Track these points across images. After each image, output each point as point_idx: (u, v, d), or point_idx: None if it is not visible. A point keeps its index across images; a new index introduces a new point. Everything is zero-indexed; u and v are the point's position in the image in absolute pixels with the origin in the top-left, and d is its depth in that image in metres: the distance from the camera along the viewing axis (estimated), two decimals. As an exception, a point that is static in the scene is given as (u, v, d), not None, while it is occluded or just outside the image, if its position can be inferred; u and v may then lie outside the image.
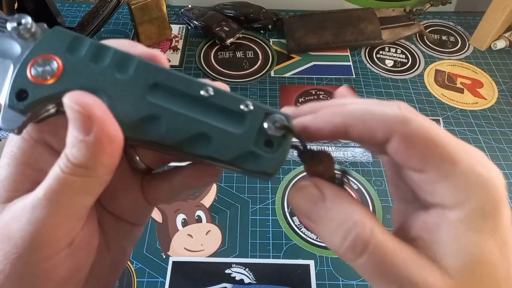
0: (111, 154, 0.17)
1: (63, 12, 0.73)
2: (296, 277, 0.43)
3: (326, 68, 0.67)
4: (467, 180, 0.17)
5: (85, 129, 0.16)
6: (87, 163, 0.16)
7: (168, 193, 0.23)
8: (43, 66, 0.18)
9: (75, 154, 0.16)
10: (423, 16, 0.76)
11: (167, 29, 0.69)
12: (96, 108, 0.16)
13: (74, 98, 0.16)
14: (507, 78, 0.66)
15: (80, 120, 0.16)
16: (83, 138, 0.16)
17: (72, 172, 0.16)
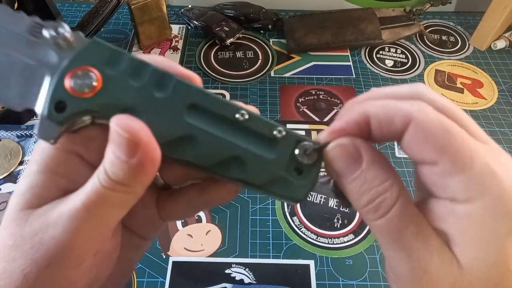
0: (150, 174, 0.17)
1: (63, 12, 0.73)
2: (296, 277, 0.43)
3: (326, 68, 0.67)
4: (482, 177, 0.16)
5: (130, 152, 0.16)
6: (128, 182, 0.17)
7: (184, 209, 0.23)
8: (82, 79, 0.17)
9: (116, 173, 0.17)
10: (423, 16, 0.76)
11: (167, 29, 0.69)
12: (143, 135, 0.17)
13: (121, 123, 0.16)
14: (507, 78, 0.66)
15: (126, 144, 0.16)
16: (127, 160, 0.17)
17: (112, 188, 0.17)
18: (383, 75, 0.66)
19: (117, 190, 0.17)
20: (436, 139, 0.17)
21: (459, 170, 0.16)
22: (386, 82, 0.65)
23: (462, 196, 0.17)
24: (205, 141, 0.18)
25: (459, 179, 0.17)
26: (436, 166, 0.17)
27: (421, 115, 0.17)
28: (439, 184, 0.18)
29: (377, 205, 0.18)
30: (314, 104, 0.61)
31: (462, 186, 0.17)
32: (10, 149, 0.51)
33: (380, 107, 0.18)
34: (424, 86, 0.19)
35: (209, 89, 0.62)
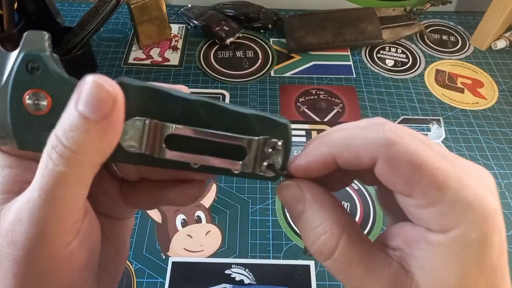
0: (111, 142, 0.17)
1: (62, 12, 0.73)
2: (296, 277, 0.43)
3: (326, 67, 0.66)
4: (453, 208, 0.16)
5: (101, 111, 0.16)
6: (86, 149, 0.16)
7: (146, 202, 0.23)
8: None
9: (75, 137, 0.16)
10: (424, 16, 0.76)
11: (167, 29, 0.68)
12: (120, 93, 0.16)
13: (102, 78, 0.16)
14: (508, 78, 0.66)
15: (101, 100, 0.16)
16: (96, 119, 0.16)
17: (65, 163, 0.16)
18: (383, 75, 0.66)
19: (70, 165, 0.16)
20: (404, 175, 0.17)
21: (430, 204, 0.16)
22: (386, 82, 0.64)
23: (436, 227, 0.17)
24: None
25: (431, 211, 0.17)
26: (410, 198, 0.17)
27: (386, 151, 0.17)
28: (413, 213, 0.18)
29: (320, 248, 0.18)
30: (314, 104, 0.61)
31: (434, 217, 0.17)
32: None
33: (344, 146, 0.18)
34: (383, 119, 0.19)
35: (209, 89, 0.62)
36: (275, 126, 0.19)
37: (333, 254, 0.18)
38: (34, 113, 0.17)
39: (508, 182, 0.52)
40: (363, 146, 0.17)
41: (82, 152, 0.16)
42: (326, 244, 0.18)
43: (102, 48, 0.68)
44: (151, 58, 0.67)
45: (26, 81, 0.17)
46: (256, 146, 0.19)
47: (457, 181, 0.16)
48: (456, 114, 0.60)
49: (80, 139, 0.16)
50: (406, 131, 0.18)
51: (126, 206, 0.24)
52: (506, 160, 0.54)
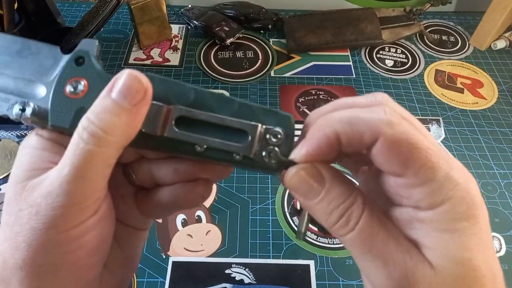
0: (137, 127, 0.19)
1: (63, 12, 0.73)
2: (296, 277, 0.43)
3: (326, 68, 0.66)
4: (443, 186, 0.18)
5: (133, 99, 0.18)
6: (115, 131, 0.18)
7: (157, 208, 0.24)
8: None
9: (107, 120, 0.18)
10: (423, 16, 0.76)
11: (167, 29, 0.69)
12: (150, 85, 0.19)
13: (135, 71, 0.18)
14: (507, 78, 0.66)
15: (134, 90, 0.18)
16: (127, 106, 0.18)
17: (96, 142, 0.18)
18: (383, 75, 0.66)
19: (100, 144, 0.18)
20: (401, 155, 0.18)
21: (422, 183, 0.18)
22: (386, 82, 0.65)
23: (425, 204, 0.18)
24: None
25: (422, 190, 0.18)
26: (401, 178, 0.18)
27: (389, 130, 0.18)
28: (403, 193, 0.19)
29: (347, 219, 0.19)
30: (314, 104, 0.61)
31: (424, 195, 0.18)
32: (10, 149, 0.51)
33: (347, 124, 0.19)
34: (384, 94, 0.20)
35: (209, 89, 0.63)
36: (279, 117, 0.21)
37: (357, 224, 0.18)
38: (70, 96, 0.20)
39: (508, 182, 0.52)
40: (366, 125, 0.18)
41: (111, 133, 0.18)
42: (353, 214, 0.19)
43: (103, 49, 0.68)
44: (151, 59, 0.67)
45: (72, 70, 0.20)
46: (259, 133, 0.20)
47: (446, 163, 0.18)
48: (455, 114, 0.60)
49: (111, 121, 0.18)
50: (404, 115, 0.19)
51: (139, 214, 0.24)
52: (506, 160, 0.55)
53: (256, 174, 0.52)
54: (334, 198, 0.19)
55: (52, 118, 0.20)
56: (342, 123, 0.19)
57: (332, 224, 0.19)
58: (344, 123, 0.19)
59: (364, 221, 0.18)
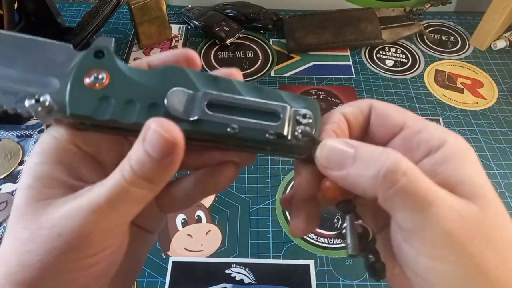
0: (172, 173, 0.19)
1: (63, 12, 0.73)
2: (296, 277, 0.43)
3: (326, 68, 0.67)
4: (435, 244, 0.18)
5: (165, 152, 0.18)
6: (154, 179, 0.18)
7: (181, 198, 0.23)
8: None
9: (144, 170, 0.18)
10: (423, 16, 0.76)
11: (167, 29, 0.69)
12: (180, 138, 0.18)
13: (162, 124, 0.18)
14: (507, 78, 0.66)
15: (163, 144, 0.18)
16: (160, 159, 0.18)
17: (136, 184, 0.18)
18: (383, 75, 0.66)
19: (140, 187, 0.18)
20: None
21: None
22: (386, 82, 0.65)
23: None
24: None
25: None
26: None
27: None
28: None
29: (389, 173, 0.18)
30: (314, 104, 0.61)
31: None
32: (10, 149, 0.51)
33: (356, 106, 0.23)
34: None
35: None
36: (305, 100, 0.22)
37: (405, 174, 0.18)
38: (90, 86, 0.20)
39: (508, 182, 0.52)
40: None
41: (151, 181, 0.18)
42: (396, 167, 0.18)
43: (103, 48, 0.68)
44: (151, 58, 0.67)
45: (91, 62, 0.20)
46: (289, 113, 0.21)
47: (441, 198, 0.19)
48: (455, 114, 0.60)
49: (147, 171, 0.18)
50: None
51: (157, 212, 0.24)
52: (506, 160, 0.55)
53: (256, 174, 0.52)
54: (369, 155, 0.19)
55: (72, 106, 0.20)
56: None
57: (373, 181, 0.19)
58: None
59: (411, 172, 0.18)
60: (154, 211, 0.24)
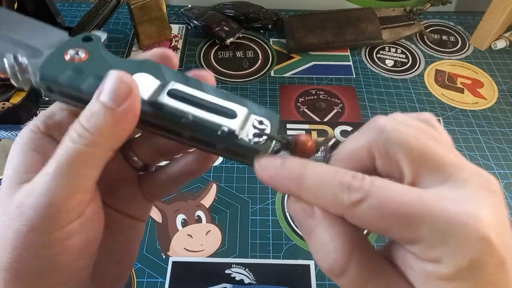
0: (126, 128, 0.19)
1: (63, 12, 0.73)
2: (296, 277, 0.43)
3: (326, 68, 0.66)
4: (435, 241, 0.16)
5: (119, 99, 0.18)
6: (103, 132, 0.18)
7: (164, 183, 0.24)
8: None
9: (94, 122, 0.18)
10: (423, 16, 0.76)
11: (167, 29, 0.68)
12: (135, 86, 0.19)
13: (119, 73, 0.19)
14: (507, 78, 0.66)
15: (119, 90, 0.18)
16: (114, 107, 0.18)
17: (85, 142, 0.18)
18: (383, 75, 0.66)
19: (88, 144, 0.18)
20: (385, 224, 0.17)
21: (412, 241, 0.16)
22: (386, 82, 0.65)
23: (424, 258, 0.16)
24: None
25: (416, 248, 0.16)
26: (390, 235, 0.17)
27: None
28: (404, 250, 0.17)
29: (331, 266, 0.18)
30: (314, 104, 0.61)
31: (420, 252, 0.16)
32: (10, 149, 0.51)
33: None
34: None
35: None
36: (267, 112, 0.21)
37: (344, 273, 0.17)
38: (68, 60, 0.21)
39: (508, 182, 0.52)
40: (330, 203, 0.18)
41: (100, 135, 0.18)
42: (337, 263, 0.17)
43: (102, 48, 0.68)
44: (151, 58, 0.67)
45: (77, 43, 0.22)
46: (245, 116, 0.20)
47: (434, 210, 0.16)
48: (455, 114, 0.60)
49: (99, 124, 0.18)
50: None
51: (143, 199, 0.25)
52: (506, 160, 0.54)
53: (255, 174, 0.52)
54: (319, 238, 0.18)
55: (43, 68, 0.21)
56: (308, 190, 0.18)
57: (320, 263, 0.18)
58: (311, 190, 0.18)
59: (352, 271, 0.17)
60: (137, 197, 0.25)
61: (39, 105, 0.58)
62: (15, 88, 0.55)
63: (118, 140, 0.19)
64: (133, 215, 0.25)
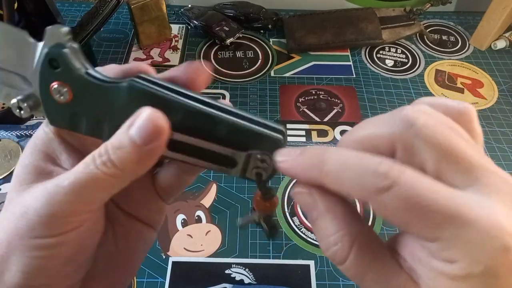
0: (147, 165, 0.19)
1: (63, 12, 0.73)
2: (296, 277, 0.43)
3: (326, 68, 0.66)
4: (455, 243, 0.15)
5: (148, 139, 0.18)
6: (126, 166, 0.18)
7: (179, 177, 0.24)
8: None
9: (120, 155, 0.18)
10: (423, 16, 0.76)
11: (167, 29, 0.68)
12: (167, 128, 0.18)
13: (152, 111, 0.18)
14: (507, 78, 0.66)
15: (150, 131, 0.18)
16: (141, 146, 0.18)
17: (107, 171, 0.18)
18: (383, 75, 0.66)
19: (110, 174, 0.18)
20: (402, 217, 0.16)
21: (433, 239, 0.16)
22: (386, 82, 0.65)
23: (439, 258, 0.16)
24: None
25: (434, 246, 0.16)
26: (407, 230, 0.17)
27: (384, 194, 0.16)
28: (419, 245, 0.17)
29: (332, 255, 0.18)
30: (314, 104, 0.61)
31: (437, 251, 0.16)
32: (10, 149, 0.51)
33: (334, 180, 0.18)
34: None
35: (209, 89, 0.62)
36: (268, 140, 0.20)
37: (344, 263, 0.18)
38: (59, 101, 0.20)
39: (507, 182, 0.52)
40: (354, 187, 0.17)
41: (121, 168, 0.18)
42: (337, 254, 0.18)
43: (103, 49, 0.68)
44: (151, 58, 0.67)
45: (50, 74, 0.20)
46: (245, 159, 0.20)
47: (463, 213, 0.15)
48: (456, 114, 0.60)
49: (123, 158, 0.18)
50: None
51: (157, 200, 0.24)
52: (506, 160, 0.54)
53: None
54: (322, 229, 0.18)
55: (51, 120, 0.21)
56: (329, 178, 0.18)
57: (323, 251, 0.19)
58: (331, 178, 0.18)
59: (351, 262, 0.18)
60: (152, 198, 0.24)
61: (39, 105, 0.58)
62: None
63: (137, 175, 0.19)
64: (146, 219, 0.25)
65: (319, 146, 0.19)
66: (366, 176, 0.16)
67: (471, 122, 0.19)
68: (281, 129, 0.20)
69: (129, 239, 0.24)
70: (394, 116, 0.17)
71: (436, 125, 0.17)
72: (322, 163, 0.18)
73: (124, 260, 0.24)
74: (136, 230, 0.24)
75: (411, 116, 0.17)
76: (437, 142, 0.16)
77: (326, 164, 0.18)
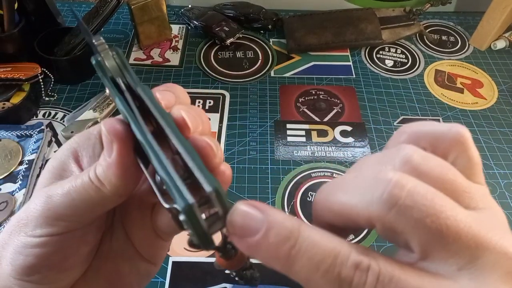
0: (119, 176, 0.19)
1: (63, 12, 0.73)
2: (296, 277, 0.43)
3: (326, 68, 0.67)
4: None
5: (108, 151, 0.19)
6: (103, 179, 0.19)
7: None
8: None
9: (97, 169, 0.20)
10: (423, 16, 0.76)
11: (167, 29, 0.69)
12: (117, 137, 0.19)
13: (106, 125, 0.19)
14: (507, 78, 0.66)
15: (106, 144, 0.19)
16: (106, 158, 0.19)
17: (93, 181, 0.20)
18: (383, 75, 0.66)
19: (95, 184, 0.20)
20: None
21: None
22: (386, 82, 0.65)
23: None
24: None
25: None
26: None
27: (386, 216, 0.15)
28: None
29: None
30: (314, 104, 0.61)
31: None
32: (10, 149, 0.51)
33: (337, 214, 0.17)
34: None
35: (209, 89, 0.63)
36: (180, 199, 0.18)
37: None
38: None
39: (508, 182, 0.52)
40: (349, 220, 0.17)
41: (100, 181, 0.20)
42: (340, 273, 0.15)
43: (103, 49, 0.68)
44: (151, 59, 0.67)
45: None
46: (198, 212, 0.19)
47: None
48: (455, 114, 0.60)
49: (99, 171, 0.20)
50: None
51: (155, 238, 0.24)
52: (506, 160, 0.55)
53: (256, 174, 0.52)
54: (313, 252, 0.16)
55: None
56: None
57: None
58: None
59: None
60: (150, 236, 0.24)
61: (39, 105, 0.58)
62: (15, 88, 0.55)
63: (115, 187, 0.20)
64: (146, 255, 0.24)
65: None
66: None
67: (467, 151, 0.17)
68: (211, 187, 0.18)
69: (128, 274, 0.24)
70: (373, 189, 0.15)
71: (423, 200, 0.14)
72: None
73: (113, 279, 0.24)
74: (136, 264, 0.24)
75: (392, 194, 0.14)
76: (424, 225, 0.14)
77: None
